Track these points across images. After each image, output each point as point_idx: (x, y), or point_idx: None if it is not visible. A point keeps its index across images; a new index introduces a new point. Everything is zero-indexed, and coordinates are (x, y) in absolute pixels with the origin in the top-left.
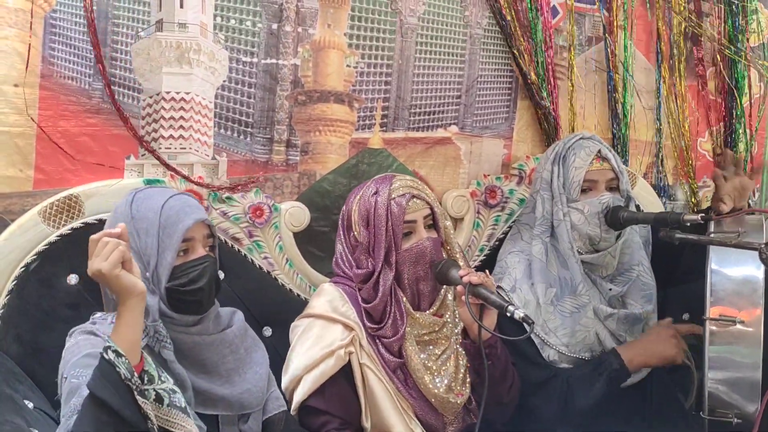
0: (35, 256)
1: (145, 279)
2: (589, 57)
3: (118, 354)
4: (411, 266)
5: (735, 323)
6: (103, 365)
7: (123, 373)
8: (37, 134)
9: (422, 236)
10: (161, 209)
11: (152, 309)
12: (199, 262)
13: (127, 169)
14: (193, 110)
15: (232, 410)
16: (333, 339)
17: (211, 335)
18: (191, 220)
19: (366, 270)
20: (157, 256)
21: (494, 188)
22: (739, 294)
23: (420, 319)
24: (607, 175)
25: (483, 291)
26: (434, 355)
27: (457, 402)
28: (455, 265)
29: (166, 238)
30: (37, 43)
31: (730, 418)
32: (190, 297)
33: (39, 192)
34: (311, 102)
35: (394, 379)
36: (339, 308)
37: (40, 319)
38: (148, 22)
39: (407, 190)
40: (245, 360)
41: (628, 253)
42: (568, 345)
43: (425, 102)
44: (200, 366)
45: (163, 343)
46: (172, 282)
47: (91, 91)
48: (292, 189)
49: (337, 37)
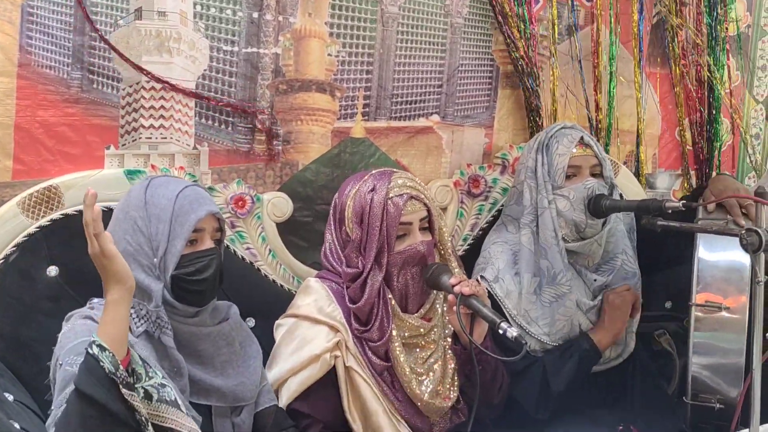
0: (14, 248)
1: (152, 264)
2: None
3: (103, 348)
4: (402, 269)
5: (720, 309)
6: (88, 360)
7: (107, 368)
8: (15, 124)
9: (417, 239)
10: (176, 197)
11: (156, 294)
12: (206, 254)
13: (108, 159)
14: (174, 99)
15: (226, 401)
16: (318, 342)
17: (208, 327)
18: (204, 211)
19: (356, 269)
20: (167, 243)
21: (477, 177)
22: (726, 280)
23: (407, 322)
24: (591, 161)
25: (475, 303)
26: (421, 358)
27: (444, 406)
28: (447, 272)
29: (178, 227)
30: (14, 31)
31: (713, 403)
32: (195, 287)
33: (18, 183)
34: (293, 91)
35: (380, 381)
36: (325, 309)
37: (20, 312)
38: (127, 11)
39: (406, 190)
40: (240, 353)
41: (612, 241)
42: (548, 334)
43: (407, 91)
44: (196, 356)
45: (164, 329)
46: (179, 270)
47: (69, 81)
48: (274, 179)
49: (318, 25)
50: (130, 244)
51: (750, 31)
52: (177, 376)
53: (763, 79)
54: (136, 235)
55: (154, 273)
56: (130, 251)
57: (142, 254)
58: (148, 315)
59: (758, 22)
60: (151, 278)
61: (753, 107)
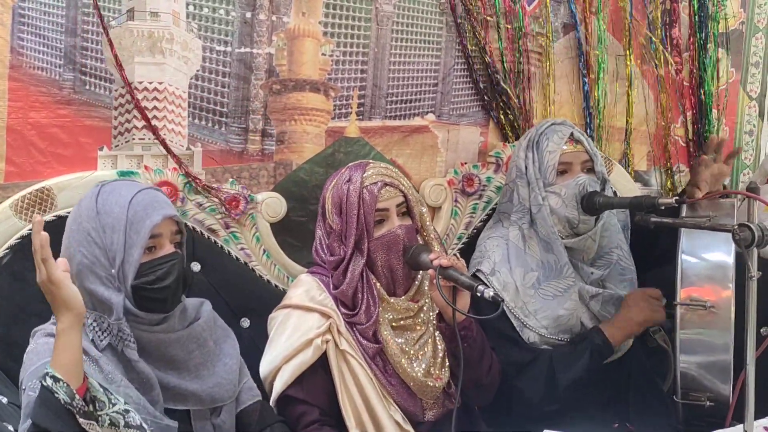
0: (7, 250)
1: (110, 276)
2: (571, 38)
3: (56, 379)
4: (383, 254)
5: (705, 307)
6: (42, 393)
7: (62, 398)
8: (7, 126)
9: (395, 224)
10: (129, 204)
11: (116, 307)
12: (166, 260)
13: (101, 160)
14: (167, 100)
15: (203, 405)
16: (309, 327)
17: (176, 332)
18: (159, 216)
19: (338, 257)
20: (123, 253)
21: (471, 176)
22: (710, 278)
23: (395, 305)
24: (582, 157)
25: (453, 273)
26: (411, 340)
27: (436, 386)
28: (426, 250)
29: (134, 234)
30: (5, 33)
31: (703, 401)
32: (157, 295)
33: (10, 185)
34: (286, 91)
35: (372, 365)
36: (316, 297)
37: (13, 314)
38: (120, 11)
39: (380, 177)
40: (214, 352)
41: (606, 236)
42: (548, 327)
43: (402, 90)
44: (167, 362)
45: (127, 342)
46: (139, 279)
47: (61, 82)
48: (268, 179)
49: (311, 25)
50: (86, 256)
51: (743, 27)
52: (146, 388)
53: (756, 75)
54: (90, 247)
55: (113, 284)
56: (86, 264)
57: (99, 266)
58: (110, 328)
59: (752, 18)
60: (111, 290)
61: (746, 104)
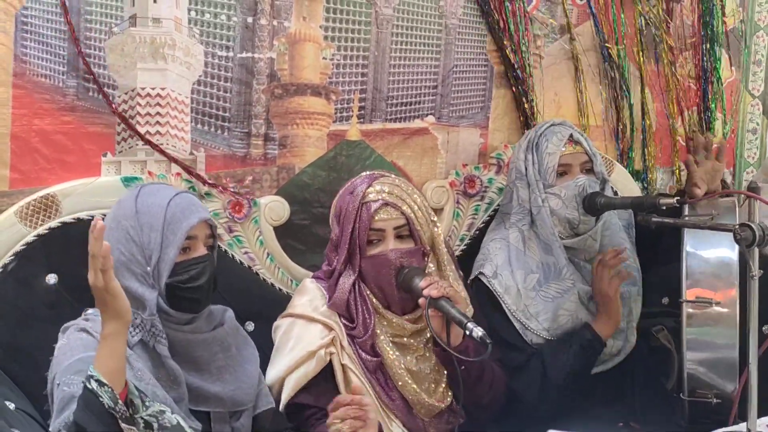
0: (12, 257)
1: (145, 273)
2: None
3: (101, 383)
4: (374, 273)
5: (711, 305)
6: (86, 395)
7: (106, 403)
8: (12, 133)
9: (388, 247)
10: (167, 205)
11: (150, 303)
12: (199, 260)
13: (104, 166)
14: (169, 106)
15: (224, 407)
16: (313, 340)
17: (203, 333)
18: (196, 219)
19: (331, 267)
20: (160, 252)
21: (473, 178)
22: (715, 276)
23: (391, 320)
24: (581, 158)
25: (444, 304)
26: (413, 360)
27: (435, 405)
28: (419, 274)
29: (171, 235)
30: (9, 41)
31: (710, 398)
32: (190, 294)
33: (15, 192)
34: (288, 95)
35: (372, 380)
36: (319, 308)
37: (19, 320)
38: (122, 18)
39: (382, 196)
40: (236, 358)
41: (607, 235)
42: (549, 329)
43: (402, 93)
44: (192, 363)
45: (158, 338)
46: (173, 278)
47: (65, 89)
48: (271, 183)
49: (312, 29)
50: (123, 253)
51: (743, 27)
52: (174, 385)
53: (759, 74)
54: (128, 245)
55: (147, 282)
56: (123, 261)
57: (135, 263)
58: (142, 324)
59: (752, 17)
60: (145, 287)
61: (749, 102)
